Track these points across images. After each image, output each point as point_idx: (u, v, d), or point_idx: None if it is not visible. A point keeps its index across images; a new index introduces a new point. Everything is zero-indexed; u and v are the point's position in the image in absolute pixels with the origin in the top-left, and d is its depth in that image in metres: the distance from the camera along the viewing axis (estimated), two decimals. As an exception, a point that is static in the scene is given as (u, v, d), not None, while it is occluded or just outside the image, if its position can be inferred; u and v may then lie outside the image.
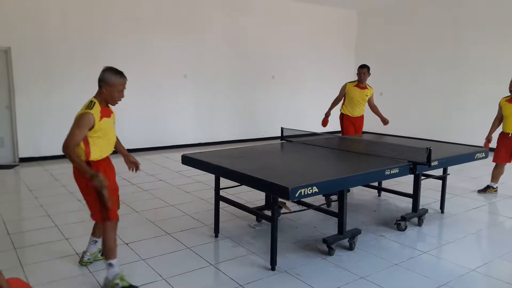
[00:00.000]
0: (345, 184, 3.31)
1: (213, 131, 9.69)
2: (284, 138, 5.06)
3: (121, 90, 3.00)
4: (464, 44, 9.27)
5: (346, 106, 6.22)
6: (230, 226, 4.33)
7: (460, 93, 9.44)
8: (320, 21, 11.01)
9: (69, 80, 7.63)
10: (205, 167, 3.75)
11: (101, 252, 3.39)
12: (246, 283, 3.11)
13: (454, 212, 4.84)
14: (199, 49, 9.17)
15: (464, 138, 8.72)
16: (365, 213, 4.80)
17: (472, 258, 3.61)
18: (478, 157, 4.43)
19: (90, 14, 7.82)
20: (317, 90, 11.25)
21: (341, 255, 3.61)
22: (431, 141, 6.13)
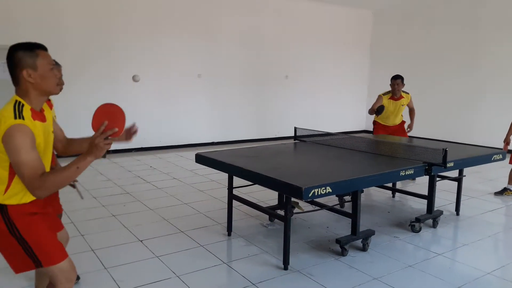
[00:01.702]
0: (359, 184, 3.29)
1: (227, 130, 9.72)
2: (297, 138, 5.05)
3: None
4: (483, 45, 9.12)
5: (381, 118, 6.15)
6: (243, 225, 4.34)
7: (478, 93, 9.29)
8: (335, 21, 10.96)
9: (81, 80, 7.73)
10: (219, 166, 3.77)
11: None
12: (258, 282, 3.12)
13: (469, 214, 4.78)
14: (213, 48, 9.20)
15: (481, 140, 8.59)
16: (379, 214, 4.76)
17: (488, 261, 3.56)
18: (495, 159, 4.36)
19: (103, 14, 7.90)
20: (331, 90, 11.21)
21: (354, 256, 3.60)
22: (447, 142, 6.06)
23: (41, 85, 1.94)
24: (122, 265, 3.37)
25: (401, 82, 5.90)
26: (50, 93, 2.01)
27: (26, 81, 1.91)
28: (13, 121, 1.81)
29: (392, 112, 6.00)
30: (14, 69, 1.92)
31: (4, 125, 1.81)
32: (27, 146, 1.81)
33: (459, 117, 9.65)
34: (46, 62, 1.95)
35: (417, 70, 10.24)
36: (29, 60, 1.90)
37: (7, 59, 1.94)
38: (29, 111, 1.90)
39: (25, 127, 1.82)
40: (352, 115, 11.77)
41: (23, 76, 1.90)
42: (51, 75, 1.97)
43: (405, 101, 6.04)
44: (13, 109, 1.86)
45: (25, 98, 1.94)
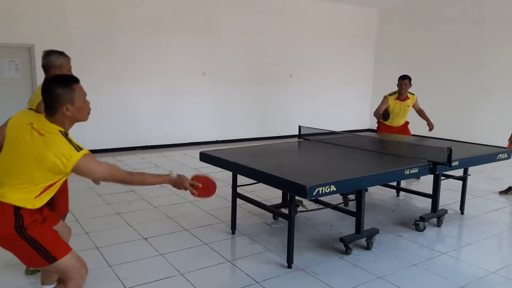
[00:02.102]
0: (364, 183, 3.28)
1: (231, 128, 9.73)
2: (301, 136, 5.05)
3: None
4: (487, 44, 9.08)
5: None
6: (247, 223, 4.35)
7: (483, 93, 9.25)
8: (340, 19, 10.93)
9: (89, 77, 7.75)
10: (223, 164, 3.78)
11: None
12: (262, 280, 3.12)
13: (474, 214, 4.76)
14: (218, 47, 9.20)
15: (486, 139, 8.55)
16: (383, 212, 4.76)
17: (492, 260, 3.55)
18: (500, 158, 4.34)
19: (106, 13, 7.91)
20: (335, 89, 11.20)
21: (358, 255, 3.60)
22: (452, 141, 6.03)
23: (76, 117, 2.14)
24: (127, 263, 3.39)
25: (408, 82, 5.82)
26: (81, 121, 2.19)
27: (64, 114, 2.08)
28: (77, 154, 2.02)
29: (397, 113, 5.93)
30: (52, 103, 2.06)
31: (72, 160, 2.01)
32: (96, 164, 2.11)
33: (463, 116, 9.61)
34: (82, 95, 2.14)
35: (422, 69, 10.20)
36: (68, 96, 2.06)
37: (44, 90, 2.08)
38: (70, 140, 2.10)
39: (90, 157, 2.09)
40: (356, 113, 11.74)
41: (62, 111, 2.07)
42: (85, 106, 2.18)
43: (411, 102, 5.97)
44: (68, 141, 2.05)
45: (61, 126, 2.11)
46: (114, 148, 8.23)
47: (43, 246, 2.10)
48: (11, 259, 3.44)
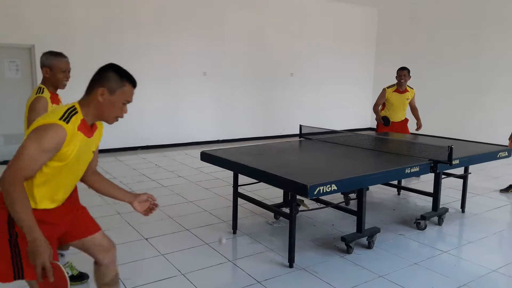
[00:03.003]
0: (365, 182, 3.28)
1: (232, 128, 9.73)
2: (302, 135, 5.05)
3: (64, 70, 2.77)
4: (488, 42, 9.07)
5: (386, 112, 6.01)
6: (248, 222, 4.35)
7: (483, 91, 9.25)
8: (340, 19, 10.93)
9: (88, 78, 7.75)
10: (224, 164, 3.78)
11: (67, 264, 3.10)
12: (263, 280, 3.13)
13: (475, 212, 4.76)
14: (219, 46, 9.21)
15: (486, 137, 8.56)
16: (384, 211, 4.76)
17: (494, 259, 3.55)
18: (501, 156, 4.34)
19: (111, 13, 7.93)
20: (336, 88, 11.20)
21: (360, 254, 3.60)
22: (452, 139, 6.03)
23: (105, 109, 1.94)
24: (128, 263, 3.39)
25: (407, 73, 5.81)
26: (105, 120, 2.00)
27: (96, 97, 1.92)
28: (56, 120, 1.80)
29: (397, 106, 5.91)
30: (95, 82, 1.94)
31: (46, 119, 1.81)
32: (45, 146, 1.76)
33: (464, 114, 9.61)
34: (124, 95, 1.97)
35: (422, 68, 10.20)
36: (113, 84, 1.92)
37: (98, 71, 1.96)
38: (78, 120, 1.89)
39: (62, 130, 1.80)
40: (358, 113, 11.74)
41: (97, 92, 1.91)
42: (119, 109, 1.98)
43: (410, 95, 5.96)
44: (65, 111, 1.87)
45: (83, 108, 1.93)
46: (115, 148, 8.23)
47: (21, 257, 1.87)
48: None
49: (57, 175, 1.92)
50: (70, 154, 1.87)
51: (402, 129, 6.04)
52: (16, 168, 1.74)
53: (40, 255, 1.74)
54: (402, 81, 5.81)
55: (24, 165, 1.75)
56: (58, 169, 1.89)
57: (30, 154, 1.75)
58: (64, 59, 2.95)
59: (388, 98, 5.87)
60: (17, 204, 1.72)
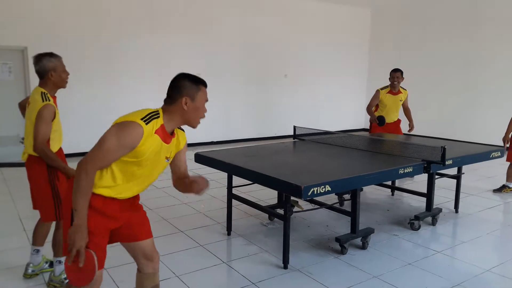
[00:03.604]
0: (358, 183, 3.29)
1: (226, 129, 9.72)
2: (296, 136, 5.06)
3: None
4: (481, 42, 9.14)
5: (379, 113, 6.02)
6: (242, 224, 4.34)
7: (476, 91, 9.31)
8: (333, 20, 10.96)
9: (83, 79, 7.72)
10: (218, 165, 3.77)
11: (48, 262, 3.21)
12: (258, 281, 3.12)
13: (468, 212, 4.79)
14: (212, 48, 9.19)
15: (480, 137, 8.61)
16: (378, 212, 4.77)
17: (487, 258, 3.57)
18: (494, 156, 4.37)
19: (104, 14, 7.90)
20: (330, 89, 11.22)
21: (354, 254, 3.60)
22: (446, 140, 6.06)
23: (190, 115, 2.07)
24: (122, 265, 3.37)
25: (401, 75, 5.84)
26: (191, 124, 2.13)
27: (181, 106, 2.04)
28: (137, 120, 1.93)
29: (390, 107, 5.93)
30: (176, 93, 2.05)
31: (130, 117, 1.95)
32: (122, 140, 1.88)
33: (458, 115, 9.67)
34: (204, 97, 2.11)
35: (415, 68, 10.24)
36: (191, 91, 2.05)
37: (172, 82, 2.08)
38: (158, 125, 2.00)
39: (140, 129, 1.91)
40: (351, 113, 11.77)
41: (181, 102, 2.04)
42: (202, 110, 2.13)
43: (403, 97, 5.99)
44: (148, 113, 1.99)
45: (165, 115, 2.05)
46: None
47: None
48: (9, 262, 3.44)
49: (129, 171, 2.01)
50: (145, 152, 1.96)
51: (395, 129, 6.06)
52: (93, 157, 1.89)
53: (78, 240, 1.86)
54: (395, 83, 5.84)
55: (101, 155, 1.89)
56: (131, 165, 1.99)
57: (108, 146, 1.88)
58: (61, 58, 2.98)
59: (382, 99, 5.89)
60: (82, 189, 1.87)
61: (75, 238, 1.87)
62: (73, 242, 1.87)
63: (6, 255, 3.61)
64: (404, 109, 6.18)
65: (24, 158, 2.95)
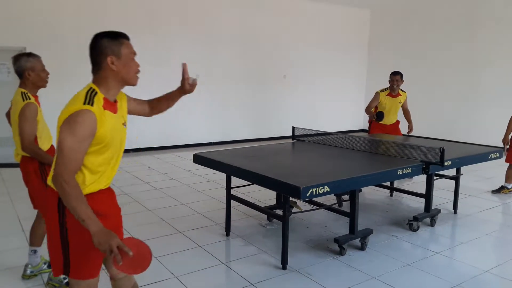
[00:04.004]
0: (357, 183, 3.30)
1: (225, 130, 9.71)
2: (295, 137, 5.05)
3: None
4: (481, 43, 9.14)
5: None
6: (241, 225, 4.34)
7: (476, 92, 9.31)
8: (333, 20, 10.96)
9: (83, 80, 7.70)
10: (217, 166, 3.77)
11: (46, 263, 3.19)
12: (257, 282, 3.12)
13: (467, 213, 4.79)
14: (211, 49, 9.19)
15: (478, 138, 8.61)
16: (377, 213, 4.77)
17: (486, 259, 3.57)
18: (492, 157, 4.37)
19: (103, 15, 7.89)
20: (329, 90, 11.22)
21: (353, 255, 3.60)
22: (445, 141, 6.06)
23: (122, 74, 1.93)
24: (121, 266, 3.36)
25: (400, 78, 5.83)
26: (128, 82, 1.98)
27: (109, 68, 1.90)
28: (81, 106, 1.78)
29: (389, 109, 5.94)
30: (98, 56, 1.91)
31: (70, 109, 1.79)
32: (81, 135, 1.75)
33: (457, 116, 9.67)
34: (129, 51, 1.97)
35: (415, 69, 10.25)
36: (114, 48, 1.90)
37: (91, 46, 1.93)
38: (101, 100, 1.87)
39: (91, 113, 1.78)
40: (350, 114, 11.78)
41: (107, 63, 1.89)
42: (133, 64, 1.98)
43: (402, 99, 6.00)
44: (85, 95, 1.85)
45: (101, 86, 1.91)
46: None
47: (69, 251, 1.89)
48: (8, 262, 3.43)
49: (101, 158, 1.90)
50: (106, 134, 1.86)
51: (394, 130, 6.07)
52: (63, 166, 1.74)
53: (110, 240, 1.70)
54: (395, 86, 5.84)
55: (69, 160, 1.75)
56: (101, 152, 1.89)
57: (69, 146, 1.74)
58: (40, 57, 3.00)
59: (382, 101, 5.90)
60: (72, 199, 1.72)
61: (105, 240, 1.70)
62: (108, 245, 1.69)
63: (5, 255, 3.60)
64: (403, 111, 6.18)
65: (18, 159, 2.97)
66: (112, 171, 2.04)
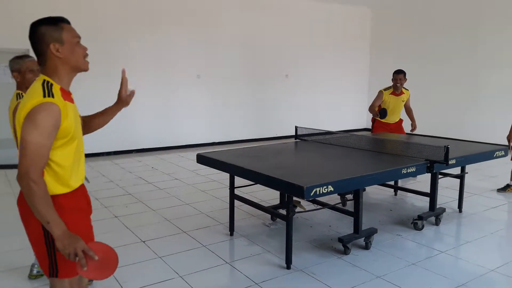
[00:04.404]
0: (361, 183, 3.28)
1: (227, 130, 9.72)
2: (298, 137, 5.05)
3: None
4: (483, 40, 9.11)
5: None
6: (245, 224, 4.34)
7: (479, 90, 9.27)
8: (334, 19, 10.95)
9: (85, 80, 7.72)
10: (220, 166, 3.77)
11: None
12: (261, 281, 3.11)
13: (472, 212, 4.77)
14: (213, 48, 9.20)
15: (483, 136, 8.58)
16: (381, 212, 4.76)
17: (491, 258, 3.55)
18: (497, 156, 4.35)
19: (104, 16, 7.91)
20: (332, 89, 11.20)
21: (357, 255, 3.59)
22: (449, 139, 6.03)
23: (70, 60, 1.81)
24: (125, 266, 3.37)
25: (403, 77, 5.82)
26: (79, 68, 1.86)
27: (54, 56, 1.77)
28: (42, 99, 1.67)
29: (393, 108, 5.93)
30: (39, 46, 1.77)
31: (30, 103, 1.67)
32: (46, 128, 1.65)
33: (461, 114, 9.63)
34: (71, 35, 1.83)
35: (418, 67, 10.22)
36: (55, 34, 1.77)
37: (30, 37, 1.80)
38: (58, 91, 1.76)
39: (54, 106, 1.68)
40: (353, 113, 11.75)
41: (51, 51, 1.76)
42: (79, 48, 1.85)
43: (406, 97, 5.99)
44: (42, 87, 1.72)
45: (53, 77, 1.79)
46: (110, 151, 8.21)
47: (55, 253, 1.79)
48: (13, 263, 3.44)
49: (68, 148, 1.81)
50: (70, 126, 1.77)
51: (398, 129, 6.06)
52: (28, 163, 1.64)
53: (74, 243, 1.66)
54: (398, 85, 5.83)
55: (35, 155, 1.65)
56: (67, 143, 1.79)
57: (35, 142, 1.64)
58: (29, 58, 3.04)
59: (385, 100, 5.88)
60: (38, 200, 1.64)
61: (69, 244, 1.65)
62: (73, 249, 1.65)
63: (10, 255, 3.61)
64: (406, 109, 6.16)
65: None
66: (82, 163, 1.94)
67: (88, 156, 7.75)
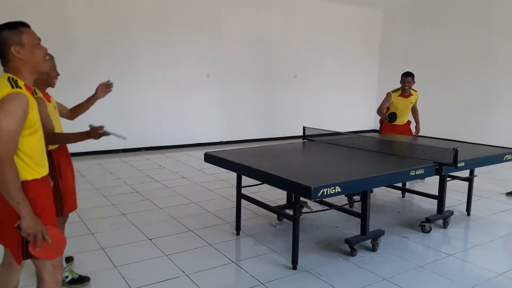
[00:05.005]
0: (369, 184, 3.27)
1: (235, 129, 9.73)
2: (306, 137, 5.04)
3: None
4: (494, 42, 9.02)
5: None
6: (251, 224, 4.34)
7: (489, 92, 9.19)
8: (344, 20, 10.91)
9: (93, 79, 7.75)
10: (228, 165, 3.77)
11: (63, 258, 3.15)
12: (267, 281, 3.11)
13: (481, 215, 4.73)
14: (222, 48, 9.21)
15: (493, 139, 8.49)
16: (388, 214, 4.73)
17: (500, 262, 3.52)
18: (507, 159, 4.30)
19: (114, 14, 7.95)
20: (340, 89, 11.17)
21: (364, 256, 3.58)
22: (458, 142, 5.98)
23: (31, 61, 1.96)
24: (132, 263, 3.39)
25: (412, 79, 5.79)
26: (39, 67, 2.00)
27: (16, 58, 1.92)
28: (10, 90, 1.81)
29: (401, 110, 5.90)
30: (1, 48, 1.92)
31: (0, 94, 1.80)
32: (17, 116, 1.79)
33: (471, 116, 9.55)
34: (31, 37, 1.98)
35: (427, 70, 10.14)
36: (15, 37, 1.92)
37: None
38: (23, 86, 1.89)
39: (22, 95, 1.82)
40: (361, 114, 11.71)
41: (12, 52, 1.91)
42: (39, 50, 1.99)
43: (414, 99, 5.96)
44: (8, 81, 1.86)
45: (17, 75, 1.93)
46: (118, 149, 8.25)
47: None
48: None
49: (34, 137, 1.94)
50: (37, 118, 1.92)
51: (406, 131, 6.03)
52: (0, 148, 1.75)
53: (36, 226, 1.84)
54: (406, 88, 5.80)
55: (8, 141, 1.77)
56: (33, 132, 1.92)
57: (8, 129, 1.76)
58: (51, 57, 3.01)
59: (394, 102, 5.86)
60: (10, 182, 1.77)
61: (34, 225, 1.82)
62: (34, 230, 1.82)
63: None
64: (412, 110, 6.14)
65: None
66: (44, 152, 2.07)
67: (97, 154, 7.80)
